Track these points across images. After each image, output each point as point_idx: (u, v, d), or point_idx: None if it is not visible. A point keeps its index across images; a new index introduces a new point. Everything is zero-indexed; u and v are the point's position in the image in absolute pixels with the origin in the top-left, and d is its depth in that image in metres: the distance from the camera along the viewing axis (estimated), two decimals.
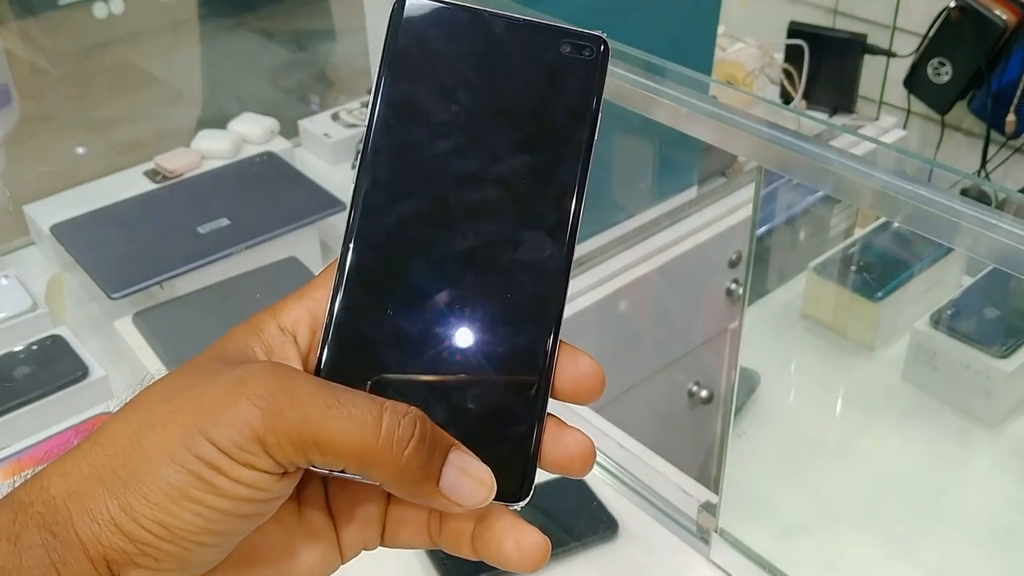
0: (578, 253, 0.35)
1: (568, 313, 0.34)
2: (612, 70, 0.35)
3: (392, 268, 0.33)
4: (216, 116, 1.31)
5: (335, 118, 1.32)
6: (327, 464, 0.30)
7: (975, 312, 0.96)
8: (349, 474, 0.31)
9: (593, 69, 0.34)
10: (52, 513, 0.29)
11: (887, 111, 1.60)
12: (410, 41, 0.34)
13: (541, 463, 0.33)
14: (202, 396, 0.30)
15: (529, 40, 0.34)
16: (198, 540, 0.29)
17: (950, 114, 1.66)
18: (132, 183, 1.20)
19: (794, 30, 1.41)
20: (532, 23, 0.34)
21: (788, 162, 0.64)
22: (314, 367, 0.33)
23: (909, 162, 0.72)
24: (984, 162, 1.64)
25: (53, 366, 0.92)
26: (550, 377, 0.33)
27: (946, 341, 0.95)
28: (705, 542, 0.81)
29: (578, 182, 0.34)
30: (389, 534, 0.35)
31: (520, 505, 0.33)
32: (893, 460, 0.95)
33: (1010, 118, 1.55)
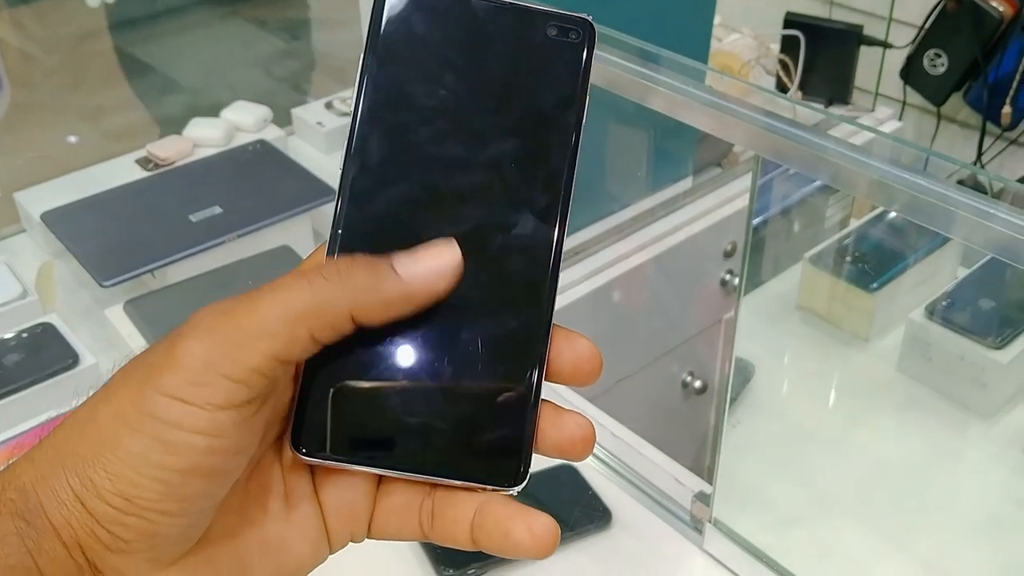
0: (572, 243, 0.34)
1: (562, 303, 0.33)
2: (608, 58, 0.35)
3: (384, 252, 0.32)
4: (209, 104, 1.31)
5: (328, 107, 1.31)
6: (285, 347, 0.29)
7: (970, 303, 0.96)
8: (321, 457, 0.31)
9: (580, 52, 0.34)
10: (24, 500, 0.29)
11: (883, 102, 1.60)
12: (395, 25, 0.33)
13: (541, 448, 0.33)
14: (150, 355, 0.30)
15: (515, 23, 0.34)
16: (163, 509, 0.29)
17: (946, 106, 1.66)
18: (124, 171, 1.19)
19: (790, 21, 1.40)
20: (517, 6, 0.34)
21: (785, 151, 0.64)
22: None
23: (906, 151, 0.71)
24: (980, 154, 1.63)
25: (43, 354, 0.92)
26: (544, 360, 0.33)
27: (941, 332, 0.94)
28: (699, 532, 0.81)
29: (568, 164, 0.34)
30: (378, 525, 0.34)
31: (516, 490, 0.33)
32: (887, 451, 0.95)
33: (1006, 110, 1.55)
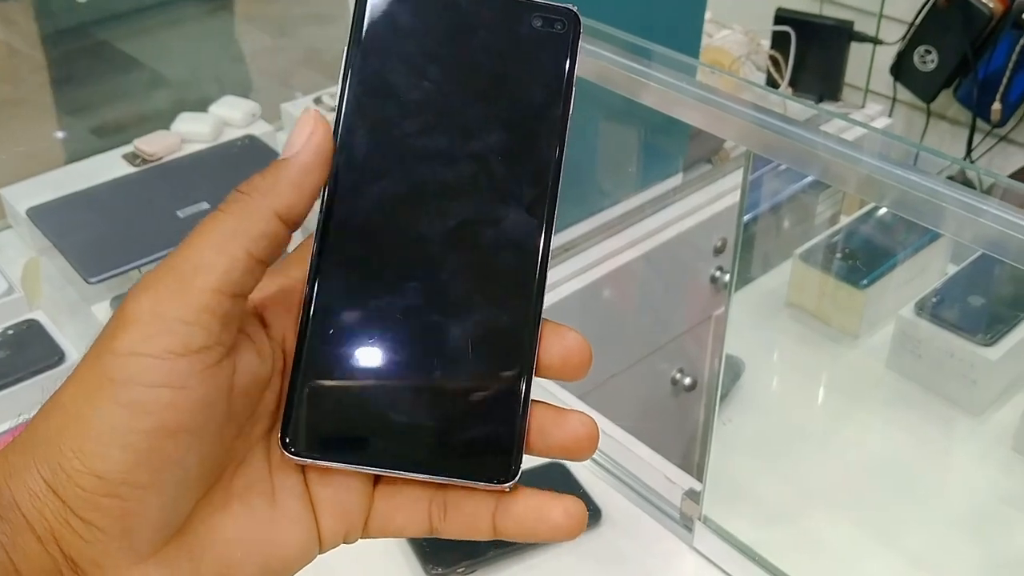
0: (562, 240, 0.34)
1: (551, 300, 0.33)
2: (599, 52, 0.34)
3: (371, 248, 0.33)
4: (196, 99, 1.30)
5: (317, 102, 1.31)
6: (226, 275, 0.29)
7: (960, 300, 0.96)
8: (311, 457, 0.31)
9: (565, 43, 0.34)
10: None
11: (873, 99, 1.60)
12: (379, 17, 0.33)
13: (545, 449, 0.33)
14: (105, 328, 0.30)
15: (500, 15, 0.34)
16: (133, 480, 0.28)
17: (936, 102, 1.66)
18: (111, 166, 1.18)
19: (781, 17, 1.40)
20: None
21: (776, 146, 0.64)
22: (294, 348, 0.32)
23: (896, 147, 0.71)
24: (969, 150, 1.64)
25: (29, 351, 0.91)
26: (535, 355, 0.33)
27: (931, 329, 0.94)
28: (689, 530, 0.81)
29: (555, 156, 0.33)
30: (379, 522, 0.33)
31: (509, 485, 0.33)
32: (877, 448, 0.95)
33: (996, 106, 1.55)
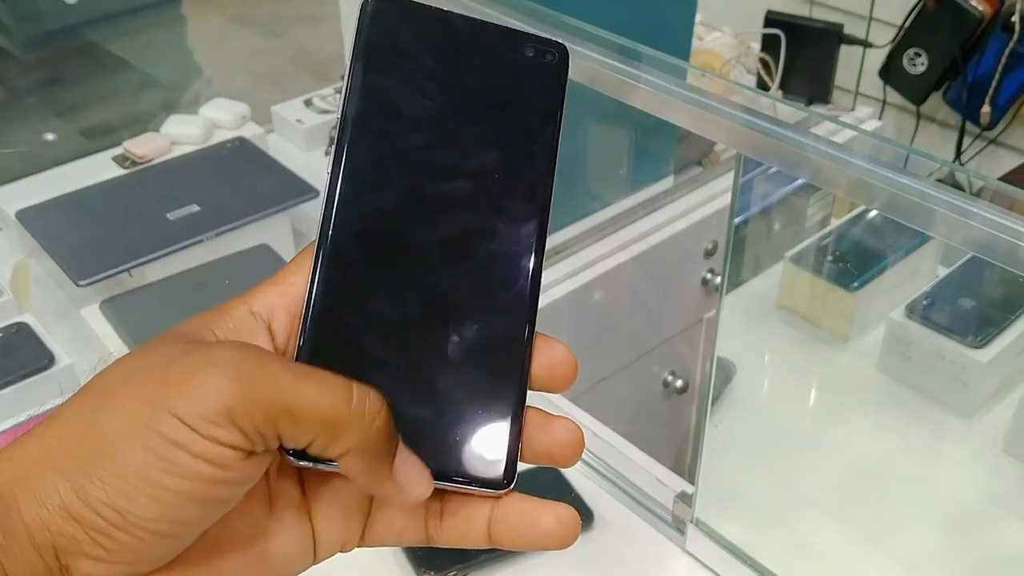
0: (553, 243, 0.35)
1: (542, 303, 0.34)
2: (590, 55, 0.36)
3: (370, 259, 0.33)
4: (187, 101, 1.29)
5: (308, 104, 1.31)
6: (296, 436, 0.29)
7: (950, 302, 0.96)
8: (312, 460, 0.30)
9: (555, 72, 0.36)
10: None
11: (863, 102, 1.61)
12: (379, 37, 0.35)
13: (530, 455, 0.33)
14: (167, 373, 0.28)
15: (494, 42, 0.36)
16: (154, 528, 0.28)
17: (925, 105, 1.67)
18: (100, 168, 1.18)
19: (771, 19, 1.40)
20: (497, 26, 0.36)
21: (767, 149, 0.64)
22: (293, 353, 0.32)
23: (886, 149, 0.71)
24: (959, 153, 1.64)
25: (18, 354, 0.90)
26: (528, 363, 0.34)
27: (921, 331, 0.94)
28: (681, 532, 0.81)
29: (545, 178, 0.35)
30: (376, 532, 0.33)
31: (504, 492, 0.33)
32: (868, 450, 0.95)
33: (985, 109, 1.56)
